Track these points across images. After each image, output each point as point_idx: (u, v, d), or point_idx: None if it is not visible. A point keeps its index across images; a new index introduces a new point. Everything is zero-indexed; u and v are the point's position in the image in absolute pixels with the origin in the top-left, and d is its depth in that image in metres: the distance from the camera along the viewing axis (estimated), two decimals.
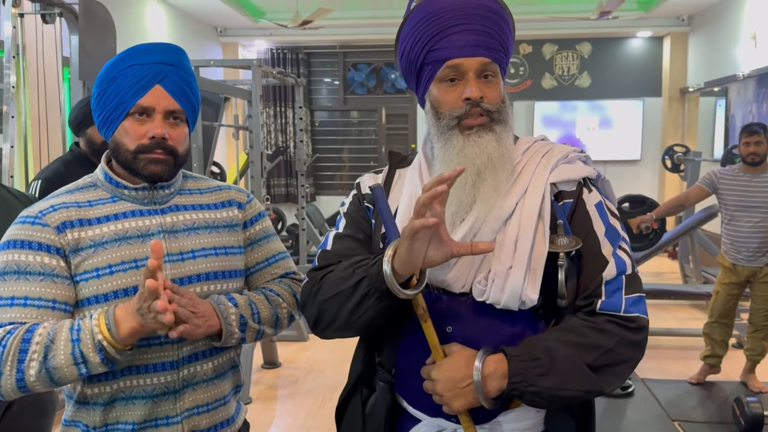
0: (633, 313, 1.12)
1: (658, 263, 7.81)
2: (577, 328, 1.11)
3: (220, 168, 6.68)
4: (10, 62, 3.09)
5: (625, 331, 1.12)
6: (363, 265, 1.12)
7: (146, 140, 1.19)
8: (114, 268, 1.18)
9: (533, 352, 1.08)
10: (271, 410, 3.67)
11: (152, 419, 1.22)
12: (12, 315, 1.11)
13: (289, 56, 8.98)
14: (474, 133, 1.15)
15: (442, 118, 1.17)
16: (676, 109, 8.41)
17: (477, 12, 1.16)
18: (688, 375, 4.07)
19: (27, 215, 1.20)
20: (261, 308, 1.29)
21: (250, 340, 1.28)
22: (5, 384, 1.08)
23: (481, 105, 1.15)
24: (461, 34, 1.15)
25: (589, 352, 1.09)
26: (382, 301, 1.09)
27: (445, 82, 1.17)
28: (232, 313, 1.22)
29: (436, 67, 1.17)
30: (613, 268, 1.14)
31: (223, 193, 1.37)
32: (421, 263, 1.05)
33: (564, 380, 1.07)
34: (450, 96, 1.17)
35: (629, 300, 1.13)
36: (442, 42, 1.15)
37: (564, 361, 1.07)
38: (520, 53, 8.92)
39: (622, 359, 1.12)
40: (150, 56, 1.21)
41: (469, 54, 1.15)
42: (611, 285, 1.13)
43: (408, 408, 1.24)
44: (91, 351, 1.08)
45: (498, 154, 1.15)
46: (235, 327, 1.22)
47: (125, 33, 6.25)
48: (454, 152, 1.16)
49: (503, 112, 1.19)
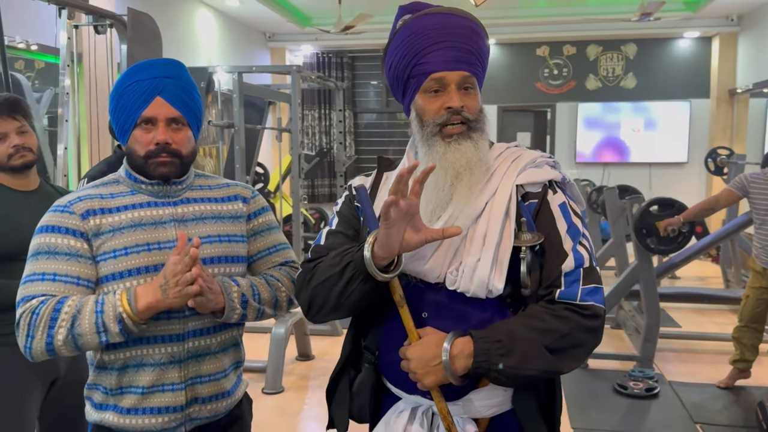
0: (588, 302, 1.23)
1: (702, 268, 7.68)
2: (537, 314, 1.23)
3: (264, 169, 6.93)
4: (65, 70, 3.35)
5: (580, 317, 1.22)
6: (350, 252, 1.26)
7: (152, 146, 1.37)
8: (129, 250, 1.36)
9: (496, 335, 1.20)
10: (302, 399, 3.85)
11: (159, 384, 1.39)
12: (43, 288, 1.31)
13: (334, 60, 9.20)
14: (454, 141, 1.28)
15: (426, 126, 1.30)
16: (724, 111, 8.24)
17: (457, 30, 1.29)
18: (718, 379, 4.05)
19: (58, 205, 1.40)
20: (261, 290, 1.46)
21: (252, 318, 1.45)
22: (36, 346, 1.28)
23: (462, 113, 1.28)
24: (444, 50, 1.28)
25: (547, 335, 1.20)
26: (366, 283, 1.23)
27: (430, 92, 1.30)
28: (234, 291, 1.40)
29: (421, 80, 1.30)
30: (572, 261, 1.24)
31: (229, 189, 1.55)
32: (398, 247, 1.19)
33: (523, 360, 1.18)
34: (433, 105, 1.29)
35: (585, 290, 1.23)
36: (427, 57, 1.28)
37: (524, 343, 1.19)
38: (564, 54, 8.90)
39: (577, 343, 1.22)
40: (149, 72, 1.38)
41: (452, 68, 1.28)
42: (570, 276, 1.24)
43: (390, 387, 1.37)
44: (112, 321, 1.27)
45: (476, 158, 1.28)
46: (236, 303, 1.39)
47: (177, 40, 6.57)
48: (436, 157, 1.29)
49: (480, 121, 1.31)
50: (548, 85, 8.95)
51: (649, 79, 8.67)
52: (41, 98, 4.49)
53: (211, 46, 7.41)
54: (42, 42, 4.33)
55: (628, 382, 3.93)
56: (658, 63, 8.63)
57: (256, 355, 4.50)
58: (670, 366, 4.40)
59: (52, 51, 3.75)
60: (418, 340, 1.25)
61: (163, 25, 4.00)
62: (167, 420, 1.40)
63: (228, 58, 7.77)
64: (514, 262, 1.25)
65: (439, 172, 1.27)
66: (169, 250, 1.39)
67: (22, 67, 4.63)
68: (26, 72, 4.66)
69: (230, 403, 1.51)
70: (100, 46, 4.01)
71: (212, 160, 7.05)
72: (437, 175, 1.27)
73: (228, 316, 1.40)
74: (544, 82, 8.96)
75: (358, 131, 9.48)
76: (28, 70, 4.70)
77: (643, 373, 4.03)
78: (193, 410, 1.42)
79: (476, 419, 1.30)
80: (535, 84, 9.00)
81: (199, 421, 1.45)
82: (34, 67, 4.75)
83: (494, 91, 8.99)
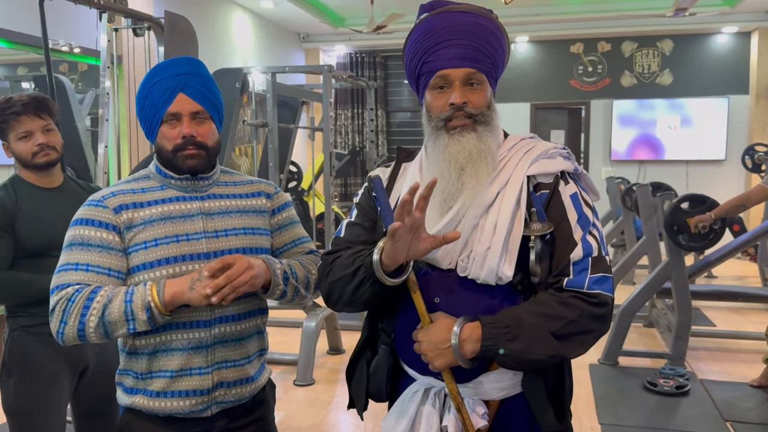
0: (595, 290, 1.27)
1: (741, 266, 7.54)
2: (545, 301, 1.27)
3: (297, 167, 7.03)
4: (105, 71, 3.49)
5: (587, 305, 1.26)
6: (361, 255, 1.34)
7: (179, 140, 1.46)
8: (159, 242, 1.45)
9: (503, 320, 1.26)
10: (332, 392, 3.93)
11: (187, 368, 1.47)
12: (77, 277, 1.40)
13: (367, 60, 9.29)
14: (457, 133, 1.34)
15: (432, 120, 1.37)
16: (764, 107, 8.07)
17: (464, 28, 1.34)
18: (751, 378, 4.00)
19: (92, 199, 1.49)
20: (297, 270, 1.55)
21: (289, 296, 1.53)
22: (68, 331, 1.37)
23: (464, 109, 1.33)
24: (449, 49, 1.33)
25: (554, 321, 1.25)
26: (376, 285, 1.30)
27: (436, 89, 1.36)
28: (278, 268, 1.49)
29: (429, 77, 1.36)
30: (580, 250, 1.29)
31: (254, 186, 1.64)
32: (404, 257, 1.26)
33: (529, 345, 1.23)
34: (439, 101, 1.35)
35: (593, 278, 1.28)
36: (434, 55, 1.34)
37: (530, 329, 1.24)
38: (598, 51, 8.82)
39: (584, 329, 1.27)
40: (170, 70, 1.47)
41: (456, 65, 1.33)
42: (578, 265, 1.28)
43: (405, 368, 1.44)
44: (140, 310, 1.36)
45: (477, 150, 1.33)
46: (280, 279, 1.48)
47: (214, 41, 6.74)
48: (439, 149, 1.35)
49: (486, 115, 1.36)
50: (582, 82, 8.88)
51: (686, 76, 8.53)
52: (83, 99, 4.67)
53: (246, 47, 7.57)
54: (84, 45, 4.50)
55: (658, 379, 3.91)
56: (695, 59, 8.49)
57: (288, 349, 4.62)
58: (703, 364, 4.36)
59: (94, 53, 3.90)
60: (430, 324, 1.31)
61: (200, 27, 4.13)
62: (194, 402, 1.47)
63: (263, 59, 7.92)
64: (524, 250, 1.30)
65: (443, 164, 1.33)
66: (196, 241, 1.47)
67: (66, 69, 4.83)
68: (70, 74, 4.86)
69: (254, 389, 1.57)
70: (138, 48, 4.16)
71: (248, 159, 7.20)
72: (442, 167, 1.33)
73: (272, 291, 1.48)
74: (578, 79, 8.89)
75: (391, 130, 9.55)
76: (71, 73, 4.90)
77: (674, 370, 4.01)
78: (219, 394, 1.49)
79: (487, 401, 1.36)
80: (569, 81, 8.94)
81: (225, 405, 1.52)
82: (77, 69, 4.95)
83: (528, 88, 8.96)
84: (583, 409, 3.65)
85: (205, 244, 1.48)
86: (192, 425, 1.50)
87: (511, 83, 8.92)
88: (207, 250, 1.47)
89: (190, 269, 1.44)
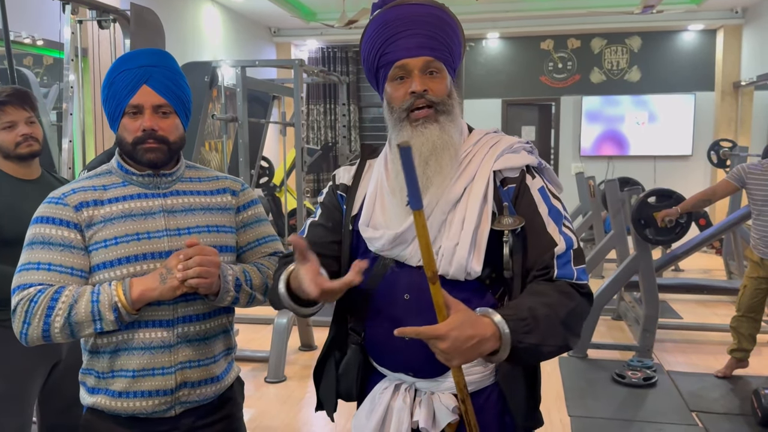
0: (583, 280, 1.29)
1: (706, 260, 7.69)
2: (545, 290, 1.25)
3: (269, 163, 6.98)
4: (69, 64, 3.41)
5: (579, 294, 1.28)
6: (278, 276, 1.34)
7: (140, 133, 1.42)
8: (119, 240, 1.41)
9: (520, 313, 1.20)
10: (304, 388, 3.92)
11: (150, 368, 1.43)
12: (39, 277, 1.36)
13: (339, 54, 9.25)
14: (420, 125, 1.32)
15: (394, 112, 1.35)
16: (729, 104, 8.24)
17: (421, 19, 1.33)
18: (717, 369, 4.08)
19: (53, 197, 1.45)
20: (253, 276, 1.51)
21: (243, 303, 1.50)
22: (32, 332, 1.34)
23: (426, 96, 1.32)
24: (407, 39, 1.32)
25: (560, 310, 1.23)
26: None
27: (396, 80, 1.34)
28: (229, 274, 1.45)
29: (388, 69, 1.35)
30: (563, 244, 1.29)
31: (219, 182, 1.60)
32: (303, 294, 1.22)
33: (545, 337, 1.20)
34: (399, 92, 1.34)
35: (579, 269, 1.29)
36: (392, 46, 1.33)
37: (545, 320, 1.20)
38: (568, 48, 8.90)
39: (580, 317, 1.27)
40: (135, 61, 1.44)
41: (414, 54, 1.32)
42: (562, 258, 1.29)
43: (375, 365, 1.43)
44: (107, 310, 1.33)
45: (441, 141, 1.32)
46: (231, 285, 1.44)
47: (182, 34, 6.64)
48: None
49: (448, 104, 1.35)
50: (552, 78, 8.96)
51: (654, 72, 8.66)
52: (48, 93, 4.56)
53: (216, 41, 7.47)
54: (48, 37, 4.39)
55: (626, 371, 3.97)
56: (663, 56, 8.63)
57: (260, 345, 4.59)
58: (670, 356, 4.44)
59: (58, 46, 3.81)
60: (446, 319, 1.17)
61: (168, 20, 4.06)
62: (157, 403, 1.44)
63: (233, 53, 7.83)
64: (493, 245, 1.30)
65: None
66: (158, 239, 1.44)
67: (30, 63, 4.71)
68: (35, 68, 4.74)
69: (220, 388, 1.54)
70: (104, 41, 4.07)
71: (218, 155, 7.12)
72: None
73: (221, 298, 1.44)
74: (549, 75, 8.97)
75: (363, 125, 9.53)
76: (36, 66, 4.78)
77: (642, 362, 4.07)
78: (182, 394, 1.46)
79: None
80: (539, 77, 9.01)
81: (189, 405, 1.49)
82: (43, 63, 4.83)
83: (499, 84, 9.02)
84: (552, 401, 3.69)
85: (167, 242, 1.45)
86: (156, 425, 1.47)
87: (483, 79, 8.97)
88: (169, 249, 1.44)
89: (152, 268, 1.41)
